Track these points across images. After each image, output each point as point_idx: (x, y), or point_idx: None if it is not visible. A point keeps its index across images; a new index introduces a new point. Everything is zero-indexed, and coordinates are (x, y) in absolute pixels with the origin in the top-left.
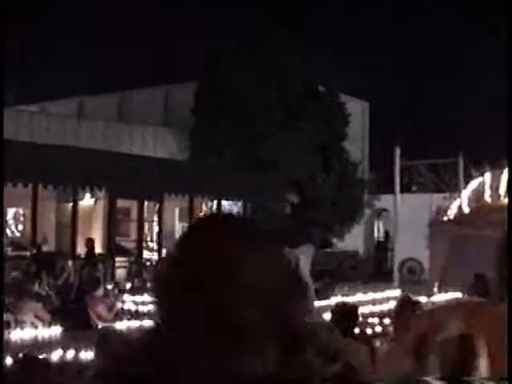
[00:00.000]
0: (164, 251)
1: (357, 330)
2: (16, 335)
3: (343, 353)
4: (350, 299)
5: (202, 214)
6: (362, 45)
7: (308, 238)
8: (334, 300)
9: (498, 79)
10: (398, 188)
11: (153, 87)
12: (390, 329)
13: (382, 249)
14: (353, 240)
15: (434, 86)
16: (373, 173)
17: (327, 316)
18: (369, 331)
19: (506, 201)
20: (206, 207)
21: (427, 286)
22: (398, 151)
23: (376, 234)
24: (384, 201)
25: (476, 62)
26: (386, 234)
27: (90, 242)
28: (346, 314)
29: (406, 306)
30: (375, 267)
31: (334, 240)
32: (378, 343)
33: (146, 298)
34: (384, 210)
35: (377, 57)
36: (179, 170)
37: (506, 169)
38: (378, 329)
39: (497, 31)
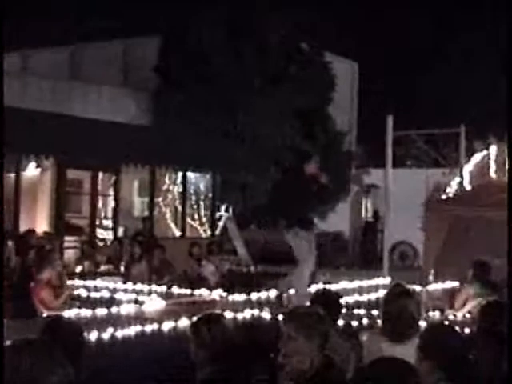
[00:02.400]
0: (121, 230)
1: (341, 322)
2: None
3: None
4: (333, 287)
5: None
6: None
7: (285, 219)
8: (314, 288)
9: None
10: (389, 162)
11: (110, 41)
12: (379, 321)
13: (370, 230)
14: (337, 220)
15: (433, 45)
16: (362, 144)
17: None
18: (354, 323)
19: None
20: (170, 180)
21: (421, 273)
22: (390, 120)
23: (364, 214)
24: (374, 176)
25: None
26: (376, 213)
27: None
28: (328, 304)
29: (397, 295)
30: (362, 251)
31: (316, 220)
32: (364, 337)
33: (99, 282)
34: (374, 186)
35: (367, 10)
36: (139, 136)
37: None
38: (365, 321)
39: None
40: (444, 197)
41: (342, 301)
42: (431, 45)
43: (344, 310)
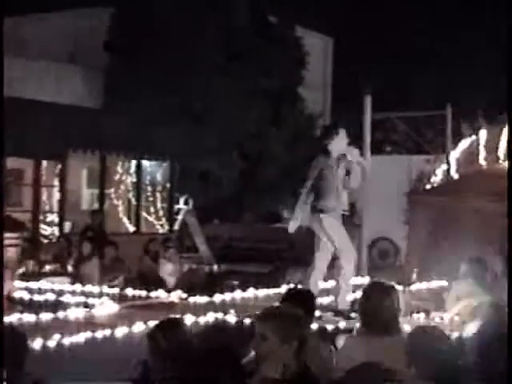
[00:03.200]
0: (67, 225)
1: (315, 326)
2: None
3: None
4: (305, 287)
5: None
6: None
7: (252, 211)
8: (285, 289)
9: (500, 12)
10: (367, 148)
11: (55, 12)
12: (357, 325)
13: (346, 225)
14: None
15: (416, 17)
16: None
17: None
18: (330, 327)
19: (505, 164)
20: (122, 169)
21: (404, 272)
22: (368, 100)
23: None
24: None
25: None
26: (352, 206)
27: None
28: (300, 304)
29: (374, 292)
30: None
31: (286, 213)
32: (341, 341)
33: (44, 284)
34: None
35: None
36: (88, 120)
37: (507, 126)
38: (342, 324)
39: None
40: (428, 187)
41: (317, 302)
42: (415, 20)
43: (319, 313)
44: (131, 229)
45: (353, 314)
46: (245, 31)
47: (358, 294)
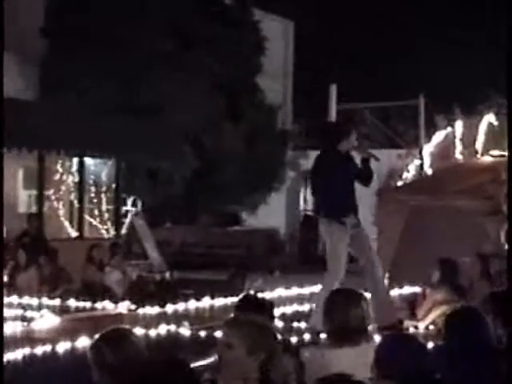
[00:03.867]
0: (4, 231)
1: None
2: None
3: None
4: (267, 296)
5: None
6: None
7: (209, 213)
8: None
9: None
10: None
11: None
12: (323, 335)
13: (311, 226)
14: (270, 214)
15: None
16: (299, 121)
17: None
18: (294, 340)
19: (484, 159)
20: (63, 168)
21: None
22: (334, 90)
23: (302, 206)
24: (313, 160)
25: None
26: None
27: None
28: (258, 313)
29: (339, 299)
30: (301, 252)
31: (245, 214)
32: (306, 353)
33: None
34: None
35: None
36: (24, 114)
37: (486, 116)
38: (307, 336)
39: None
40: (400, 183)
41: (278, 312)
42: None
43: (281, 324)
44: (74, 234)
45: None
46: (195, 15)
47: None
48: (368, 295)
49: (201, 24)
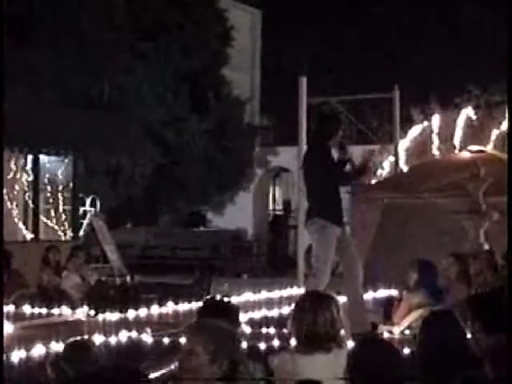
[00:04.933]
0: None
1: (244, 345)
2: None
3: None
4: (234, 300)
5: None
6: None
7: (172, 213)
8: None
9: None
10: (303, 137)
11: None
12: (293, 341)
13: (280, 227)
14: (237, 214)
15: None
16: (267, 115)
17: None
18: (262, 346)
19: (462, 155)
20: (17, 165)
21: None
22: (303, 82)
23: (272, 206)
24: (283, 157)
25: None
26: (287, 205)
27: None
28: (223, 317)
29: (310, 306)
30: (271, 254)
31: (210, 215)
32: (276, 361)
33: None
34: (284, 169)
35: None
36: None
37: (465, 110)
38: (276, 342)
39: None
40: (375, 181)
41: (246, 317)
42: None
43: (249, 330)
44: (29, 236)
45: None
46: (158, 4)
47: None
48: (343, 300)
49: (164, 14)
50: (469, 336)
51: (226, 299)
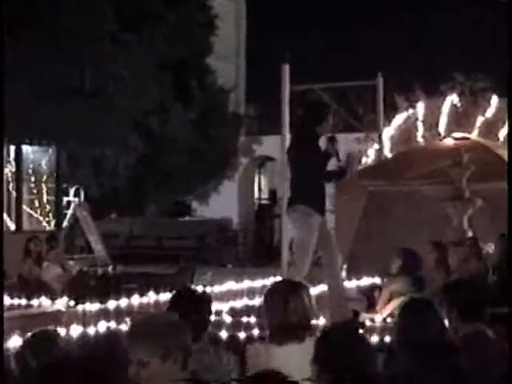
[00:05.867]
0: None
1: (225, 334)
2: None
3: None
4: (216, 290)
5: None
6: None
7: (157, 203)
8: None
9: None
10: (287, 125)
11: None
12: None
13: (265, 216)
14: (222, 203)
15: None
16: (253, 104)
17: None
18: (242, 335)
19: (446, 142)
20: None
21: None
22: (286, 70)
23: (257, 195)
24: (268, 145)
25: None
26: (273, 194)
27: None
28: (191, 309)
29: (280, 294)
30: (256, 243)
31: (195, 204)
32: (251, 350)
33: None
34: (269, 158)
35: None
36: None
37: (449, 97)
38: (256, 332)
39: None
40: (359, 169)
41: (226, 306)
42: None
43: (230, 319)
44: (12, 226)
45: None
46: None
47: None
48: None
49: (146, 3)
50: (447, 324)
51: (197, 289)
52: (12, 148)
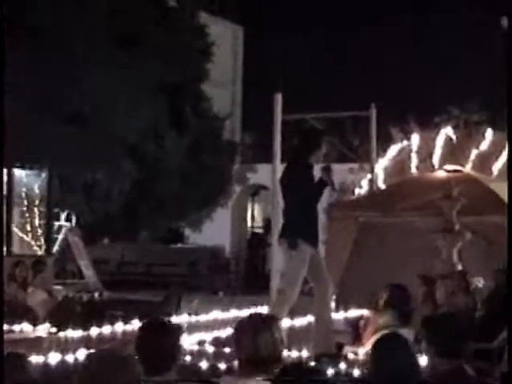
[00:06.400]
0: None
1: (204, 365)
2: None
3: None
4: (201, 318)
5: None
6: None
7: (150, 229)
8: (178, 319)
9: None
10: (278, 154)
11: None
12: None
13: (258, 244)
14: (215, 231)
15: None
16: (249, 132)
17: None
18: (223, 366)
19: (438, 174)
20: None
21: None
22: (279, 100)
23: (250, 223)
24: (262, 174)
25: None
26: (267, 222)
27: None
28: (159, 337)
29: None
30: (248, 271)
31: (188, 231)
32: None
33: None
34: (263, 187)
35: None
36: None
37: (444, 129)
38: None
39: None
40: (349, 200)
41: (211, 336)
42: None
43: (212, 349)
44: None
45: None
46: (136, 15)
47: None
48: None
49: (142, 25)
50: (424, 360)
51: (167, 319)
52: (4, 171)
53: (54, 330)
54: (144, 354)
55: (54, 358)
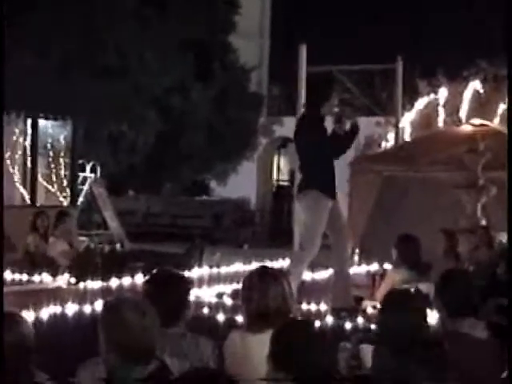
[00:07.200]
0: None
1: (221, 318)
2: None
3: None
4: (223, 271)
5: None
6: None
7: (175, 181)
8: (199, 271)
9: None
10: (303, 107)
11: None
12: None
13: (284, 197)
14: (240, 184)
15: None
16: (276, 85)
17: None
18: (240, 319)
19: (464, 128)
20: (17, 129)
21: None
22: (303, 51)
23: (276, 176)
24: (289, 127)
25: None
26: (292, 175)
27: None
28: (167, 290)
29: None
30: (273, 224)
31: (213, 184)
32: (231, 336)
33: None
34: (289, 140)
35: None
36: None
37: (472, 83)
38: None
39: None
40: (374, 153)
41: (229, 289)
42: None
43: (230, 302)
44: (28, 200)
45: None
46: None
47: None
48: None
49: None
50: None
51: (175, 272)
52: (29, 122)
53: (73, 280)
54: None
55: (70, 308)
